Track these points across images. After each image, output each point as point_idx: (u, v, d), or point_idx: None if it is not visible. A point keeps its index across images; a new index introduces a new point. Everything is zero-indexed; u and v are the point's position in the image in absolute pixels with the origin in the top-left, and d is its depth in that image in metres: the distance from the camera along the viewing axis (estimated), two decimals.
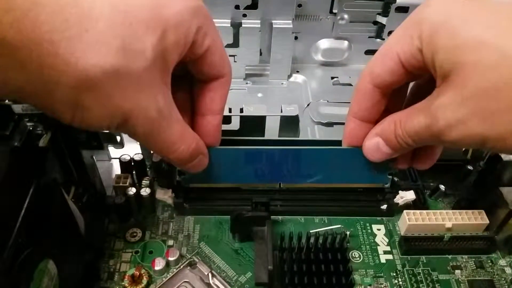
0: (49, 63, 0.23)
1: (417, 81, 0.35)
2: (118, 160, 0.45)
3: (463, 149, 0.48)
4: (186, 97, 0.36)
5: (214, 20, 0.49)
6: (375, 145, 0.35)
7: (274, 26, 0.56)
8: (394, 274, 0.40)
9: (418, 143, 0.32)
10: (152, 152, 0.45)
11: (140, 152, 0.46)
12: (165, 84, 0.29)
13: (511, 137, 0.26)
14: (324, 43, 0.63)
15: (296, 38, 0.60)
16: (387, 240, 0.43)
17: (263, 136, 0.44)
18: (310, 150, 0.40)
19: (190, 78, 0.34)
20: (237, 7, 0.54)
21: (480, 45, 0.26)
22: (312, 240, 0.40)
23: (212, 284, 0.38)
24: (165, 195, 0.42)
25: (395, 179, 0.44)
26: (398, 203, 0.44)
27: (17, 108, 0.35)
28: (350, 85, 0.61)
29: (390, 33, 0.58)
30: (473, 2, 0.28)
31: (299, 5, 0.57)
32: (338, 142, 0.42)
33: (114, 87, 0.25)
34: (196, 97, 0.35)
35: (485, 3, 0.28)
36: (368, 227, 0.44)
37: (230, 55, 0.58)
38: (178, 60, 0.29)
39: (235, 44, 0.57)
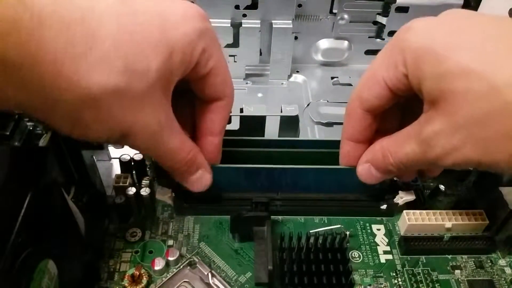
0: (51, 81, 0.23)
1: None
2: (118, 160, 0.45)
3: None
4: (188, 112, 0.36)
5: (214, 20, 0.50)
6: (367, 171, 0.36)
7: (274, 26, 0.56)
8: (394, 274, 0.40)
9: (412, 168, 0.33)
10: None
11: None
12: (167, 100, 0.29)
13: (503, 162, 0.27)
14: (324, 43, 0.63)
15: (296, 38, 0.60)
16: (387, 240, 0.43)
17: (263, 136, 0.44)
18: (309, 169, 0.41)
19: (192, 94, 0.34)
20: (237, 7, 0.54)
21: (467, 74, 0.26)
22: (312, 240, 0.40)
23: (212, 284, 0.38)
24: (165, 195, 0.42)
25: (395, 179, 0.44)
26: (398, 203, 0.43)
27: None
28: (350, 85, 0.61)
29: (390, 33, 0.58)
30: (456, 23, 0.28)
31: (299, 5, 0.57)
32: (338, 142, 0.42)
33: (115, 105, 0.26)
34: (197, 116, 0.35)
35: (468, 23, 0.28)
36: (368, 227, 0.44)
37: (230, 55, 0.58)
38: (180, 78, 0.30)
39: (235, 44, 0.57)
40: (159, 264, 0.39)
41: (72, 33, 0.23)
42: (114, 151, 0.49)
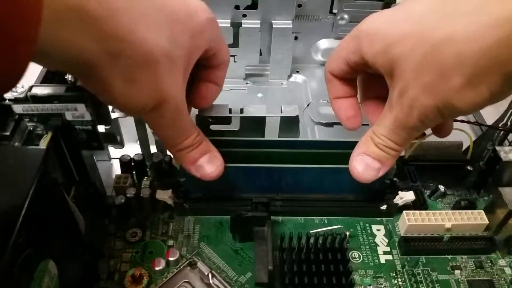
0: (122, 35, 0.25)
1: None
2: (118, 160, 0.45)
3: (462, 150, 0.48)
4: None
5: None
6: (362, 162, 0.36)
7: (274, 26, 0.56)
8: (394, 274, 0.40)
9: (398, 141, 0.34)
10: (153, 151, 0.45)
11: (140, 152, 0.46)
12: (187, 76, 0.33)
13: (455, 99, 0.29)
14: (324, 43, 0.63)
15: (296, 38, 0.60)
16: (386, 241, 0.43)
17: (263, 136, 0.44)
18: (308, 169, 0.41)
19: None
20: (237, 7, 0.54)
21: (403, 38, 0.30)
22: (312, 240, 0.40)
23: (212, 284, 0.38)
24: (165, 195, 0.42)
25: (395, 179, 0.44)
26: (397, 204, 0.44)
27: (18, 108, 0.35)
28: None
29: None
30: (393, 9, 0.33)
31: (299, 5, 0.57)
32: (338, 143, 0.42)
33: (165, 69, 0.29)
34: (200, 77, 0.38)
35: (400, 6, 0.33)
36: (368, 228, 0.44)
37: (230, 55, 0.58)
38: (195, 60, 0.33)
39: (235, 44, 0.57)
40: (159, 265, 0.39)
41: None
42: (114, 151, 0.49)
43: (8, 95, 0.34)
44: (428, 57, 0.29)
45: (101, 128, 0.39)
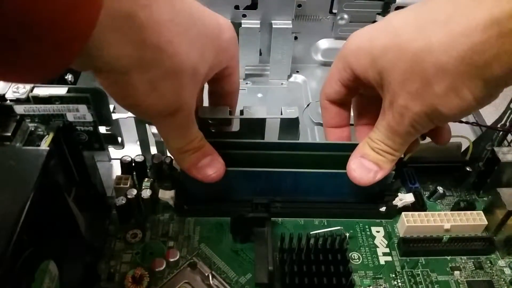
0: (159, 45, 0.27)
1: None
2: (118, 161, 0.45)
3: (461, 150, 0.48)
4: None
5: None
6: (359, 164, 0.38)
7: (273, 26, 0.56)
8: (393, 275, 0.41)
9: (393, 146, 0.36)
10: (153, 152, 0.45)
11: (141, 153, 0.46)
12: (201, 90, 0.37)
13: (441, 106, 0.30)
14: (324, 43, 0.63)
15: (296, 38, 0.60)
16: (386, 242, 0.43)
17: (263, 138, 0.44)
18: (308, 174, 0.41)
19: None
20: (236, 7, 0.55)
21: (387, 50, 0.32)
22: (312, 241, 0.40)
23: (213, 285, 0.38)
24: (167, 195, 0.42)
25: (393, 180, 0.44)
26: (397, 205, 0.44)
27: (19, 109, 0.35)
28: None
29: None
30: (375, 26, 0.35)
31: (299, 5, 0.57)
32: (337, 145, 0.42)
33: (189, 81, 0.30)
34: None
35: (381, 21, 0.35)
36: (367, 229, 0.44)
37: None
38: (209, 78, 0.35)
39: None
40: (159, 265, 0.39)
41: (177, 10, 0.28)
42: (114, 152, 0.49)
43: (9, 96, 0.34)
44: (410, 66, 0.30)
45: (102, 129, 0.39)
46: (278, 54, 0.60)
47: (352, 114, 0.44)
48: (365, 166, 0.38)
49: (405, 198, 0.43)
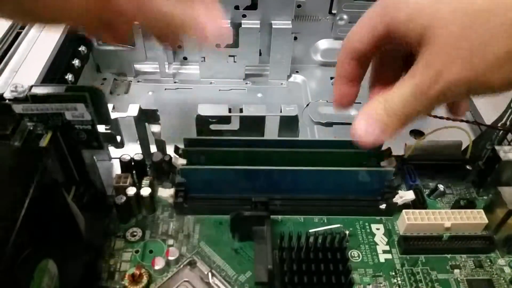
0: None
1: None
2: (118, 160, 0.45)
3: (461, 149, 0.48)
4: None
5: None
6: (364, 125, 0.33)
7: (273, 26, 0.56)
8: (393, 273, 0.40)
9: (409, 110, 0.31)
10: (153, 151, 0.45)
11: (140, 152, 0.46)
12: None
13: (492, 74, 0.28)
14: (324, 44, 0.63)
15: (295, 38, 0.60)
16: (386, 240, 0.43)
17: (263, 136, 0.44)
18: (308, 171, 0.41)
19: None
20: (236, 7, 0.55)
21: (438, 3, 0.28)
22: (311, 239, 0.40)
23: (212, 284, 0.38)
24: (167, 193, 0.42)
25: (393, 177, 0.44)
26: (397, 203, 0.44)
27: (18, 108, 0.35)
28: None
29: None
30: None
31: (299, 6, 0.57)
32: (337, 142, 0.42)
33: None
34: None
35: None
36: (367, 227, 0.44)
37: (230, 55, 0.58)
38: None
39: (235, 44, 0.57)
40: (159, 264, 0.39)
41: None
42: (114, 151, 0.49)
43: (8, 95, 0.35)
44: (468, 26, 0.27)
45: (101, 128, 0.39)
46: (277, 54, 0.60)
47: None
48: (371, 125, 0.33)
49: (406, 195, 0.43)
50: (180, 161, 0.43)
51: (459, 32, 0.28)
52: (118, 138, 0.42)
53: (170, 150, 0.45)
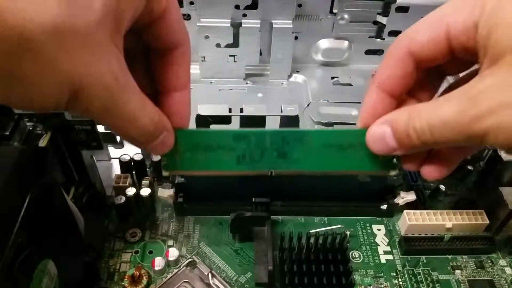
0: None
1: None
2: (118, 160, 0.45)
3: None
4: (143, 75, 0.31)
5: (214, 19, 0.49)
6: (380, 135, 0.30)
7: (274, 26, 0.56)
8: (394, 274, 0.40)
9: (437, 141, 0.26)
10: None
11: (140, 152, 0.46)
12: (117, 47, 0.24)
13: None
14: (324, 43, 0.62)
15: (296, 38, 0.60)
16: (387, 240, 0.43)
17: None
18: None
19: (146, 53, 0.30)
20: (237, 7, 0.54)
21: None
22: (312, 240, 0.40)
23: (212, 284, 0.38)
24: (166, 194, 0.42)
25: (394, 178, 0.43)
26: (398, 203, 0.43)
27: None
28: (350, 85, 0.61)
29: (390, 33, 0.58)
30: None
31: (299, 5, 0.57)
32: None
33: (57, 48, 0.20)
34: (157, 74, 0.30)
35: None
36: (368, 227, 0.44)
37: (230, 55, 0.58)
38: (131, 20, 0.25)
39: (235, 44, 0.57)
40: (159, 264, 0.39)
41: None
42: (113, 151, 0.49)
43: None
44: None
45: (100, 128, 0.39)
46: (278, 54, 0.59)
47: None
48: (386, 141, 0.29)
49: (407, 196, 0.43)
50: None
51: None
52: (118, 138, 0.42)
53: None
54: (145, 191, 0.42)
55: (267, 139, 0.34)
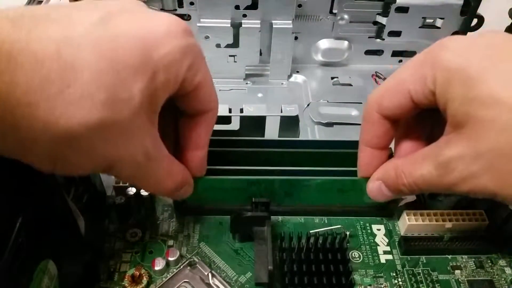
0: (26, 125, 0.21)
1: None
2: None
3: None
4: (171, 126, 0.35)
5: (214, 20, 0.50)
6: (377, 189, 0.36)
7: (274, 26, 0.56)
8: (394, 274, 0.40)
9: (425, 191, 0.32)
10: None
11: None
12: (153, 125, 0.27)
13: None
14: (324, 43, 0.63)
15: (296, 38, 0.60)
16: (387, 240, 0.43)
17: (263, 136, 0.44)
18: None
19: (175, 108, 0.33)
20: (237, 7, 0.54)
21: (498, 103, 0.25)
22: (312, 240, 0.40)
23: (212, 284, 0.38)
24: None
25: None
26: (398, 203, 0.43)
27: None
28: (350, 85, 0.61)
29: (390, 33, 0.58)
30: (493, 48, 0.27)
31: (299, 5, 0.57)
32: (338, 142, 0.42)
33: (98, 139, 0.24)
34: (182, 131, 0.34)
35: (507, 48, 0.27)
36: (368, 227, 0.44)
37: (230, 55, 0.58)
38: (166, 98, 0.28)
39: (235, 44, 0.57)
40: (159, 264, 0.39)
41: (46, 71, 0.21)
42: None
43: None
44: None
45: None
46: (278, 54, 0.59)
47: None
48: (383, 193, 0.35)
49: (407, 196, 0.43)
50: None
51: (507, 151, 0.25)
52: None
53: None
54: (145, 191, 0.42)
55: (276, 185, 0.40)
